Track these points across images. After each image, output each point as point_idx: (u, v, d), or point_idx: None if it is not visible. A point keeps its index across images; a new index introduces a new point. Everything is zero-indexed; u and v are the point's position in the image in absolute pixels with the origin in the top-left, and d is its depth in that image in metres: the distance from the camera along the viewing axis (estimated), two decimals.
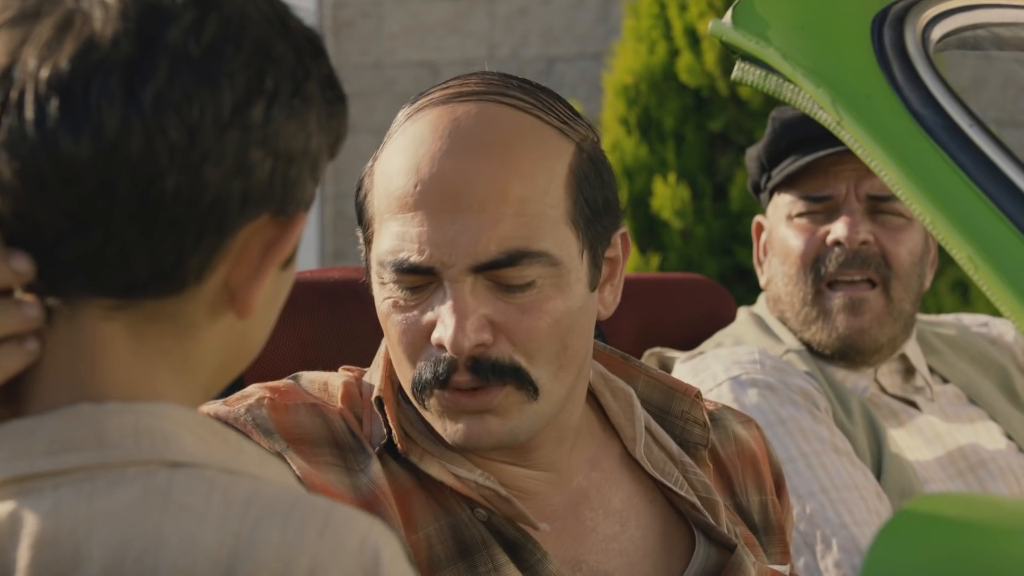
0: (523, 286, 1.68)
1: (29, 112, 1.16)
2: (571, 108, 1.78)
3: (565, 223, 1.70)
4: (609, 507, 1.83)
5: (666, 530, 1.85)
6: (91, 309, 1.21)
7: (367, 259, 1.76)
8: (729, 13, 1.71)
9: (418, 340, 1.69)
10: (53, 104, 1.15)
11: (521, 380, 1.69)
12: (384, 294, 1.71)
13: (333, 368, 1.88)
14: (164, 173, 1.16)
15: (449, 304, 1.66)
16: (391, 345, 1.73)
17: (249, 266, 1.23)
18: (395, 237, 1.68)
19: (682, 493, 1.85)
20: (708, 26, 1.74)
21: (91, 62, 1.16)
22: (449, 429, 1.71)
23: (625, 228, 1.81)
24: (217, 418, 1.70)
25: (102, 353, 1.21)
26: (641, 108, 4.75)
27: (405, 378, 1.73)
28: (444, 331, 1.66)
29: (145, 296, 1.21)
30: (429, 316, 1.68)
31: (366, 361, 1.88)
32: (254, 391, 1.75)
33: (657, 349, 2.74)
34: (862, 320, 2.66)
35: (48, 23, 1.18)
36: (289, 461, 1.67)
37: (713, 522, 1.85)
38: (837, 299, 2.66)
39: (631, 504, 1.85)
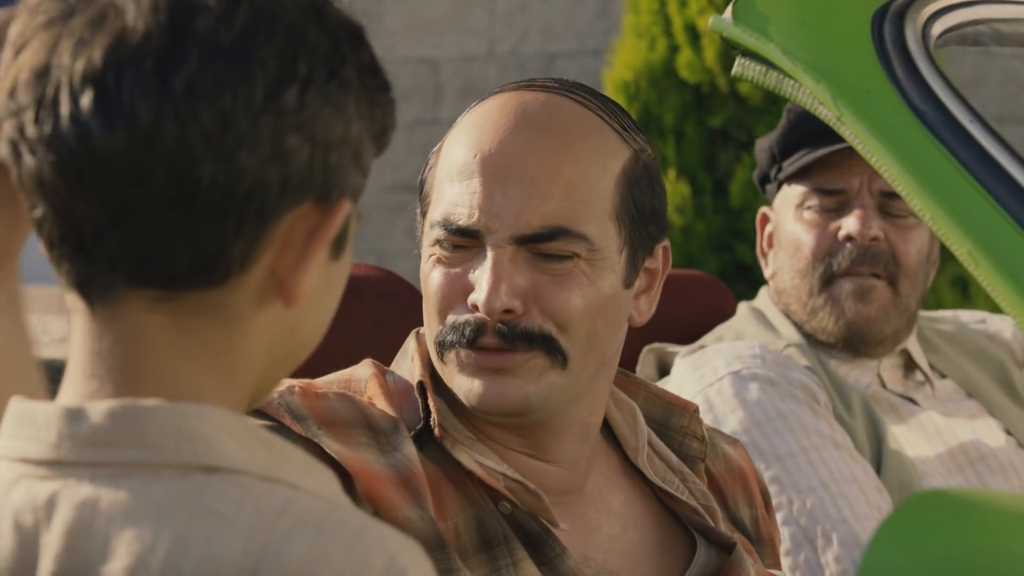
0: (561, 257, 1.74)
1: (64, 107, 1.17)
2: (635, 123, 1.85)
3: (610, 217, 1.77)
4: (611, 509, 1.86)
5: (662, 535, 1.88)
6: (134, 301, 1.21)
7: (421, 233, 1.83)
8: (729, 9, 1.71)
9: (453, 296, 1.76)
10: (87, 97, 1.17)
11: (551, 348, 1.74)
12: (430, 252, 1.79)
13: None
14: (199, 160, 1.17)
15: (488, 267, 1.73)
16: (426, 300, 1.79)
17: (293, 254, 1.23)
18: (449, 201, 1.76)
19: (683, 498, 1.88)
20: (708, 22, 1.75)
21: (123, 54, 1.17)
22: (465, 387, 1.76)
23: (668, 242, 1.86)
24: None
25: (146, 346, 1.22)
26: (641, 104, 4.74)
27: (432, 333, 1.78)
28: (479, 292, 1.73)
29: (189, 287, 1.21)
30: (469, 277, 1.75)
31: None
32: (284, 381, 1.77)
33: (656, 345, 2.74)
34: (870, 308, 2.65)
35: (81, 20, 1.19)
36: (324, 446, 1.70)
37: (712, 524, 1.88)
38: (846, 285, 2.65)
39: (630, 508, 1.88)
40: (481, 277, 1.73)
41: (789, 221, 2.71)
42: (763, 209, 2.80)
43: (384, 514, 1.68)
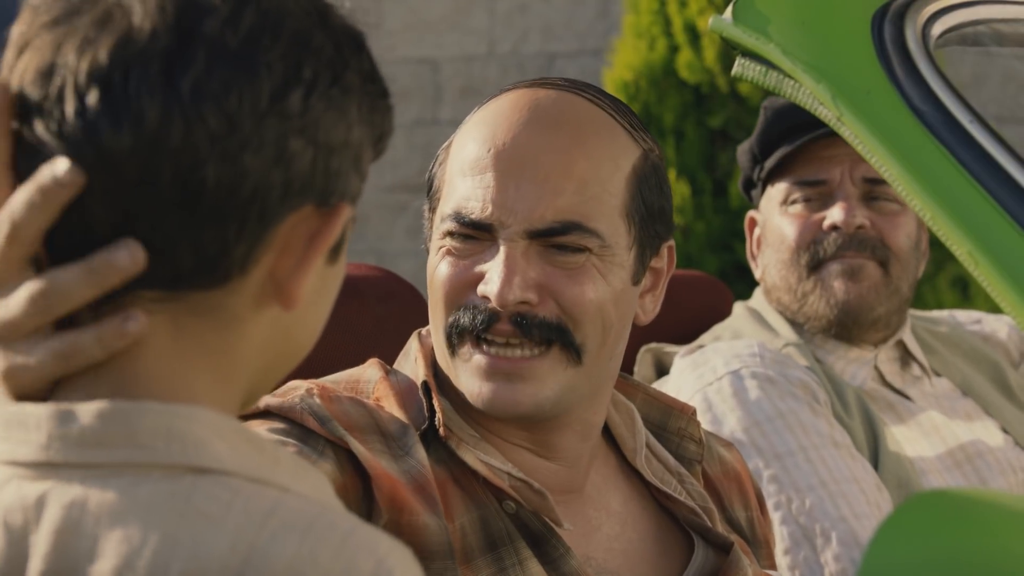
0: (574, 250, 1.75)
1: (70, 104, 1.18)
2: (642, 123, 1.86)
3: (620, 214, 1.78)
4: (610, 508, 1.87)
5: (660, 535, 1.89)
6: (136, 302, 1.21)
7: (430, 228, 1.83)
8: (729, 9, 1.72)
9: (462, 287, 1.77)
10: (93, 95, 1.17)
11: (566, 341, 1.75)
12: (439, 244, 1.79)
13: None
14: (204, 162, 1.17)
15: (500, 260, 1.74)
16: (433, 292, 1.79)
17: (293, 257, 1.23)
18: (461, 195, 1.77)
19: (681, 499, 1.90)
20: (708, 22, 1.75)
21: (129, 54, 1.18)
22: (474, 389, 1.76)
23: (673, 242, 1.87)
24: (269, 410, 1.73)
25: (143, 346, 1.22)
26: (641, 104, 4.75)
27: (439, 325, 1.78)
28: (491, 284, 1.74)
29: (190, 288, 1.21)
30: (479, 269, 1.76)
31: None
32: (299, 384, 1.78)
33: (654, 345, 2.75)
34: (860, 287, 2.65)
35: (86, 20, 1.20)
36: (353, 448, 1.71)
37: (710, 525, 1.89)
38: (835, 266, 2.66)
39: (628, 508, 1.89)
40: (493, 270, 1.74)
41: (775, 218, 2.72)
42: (751, 213, 2.80)
43: (405, 519, 1.69)
